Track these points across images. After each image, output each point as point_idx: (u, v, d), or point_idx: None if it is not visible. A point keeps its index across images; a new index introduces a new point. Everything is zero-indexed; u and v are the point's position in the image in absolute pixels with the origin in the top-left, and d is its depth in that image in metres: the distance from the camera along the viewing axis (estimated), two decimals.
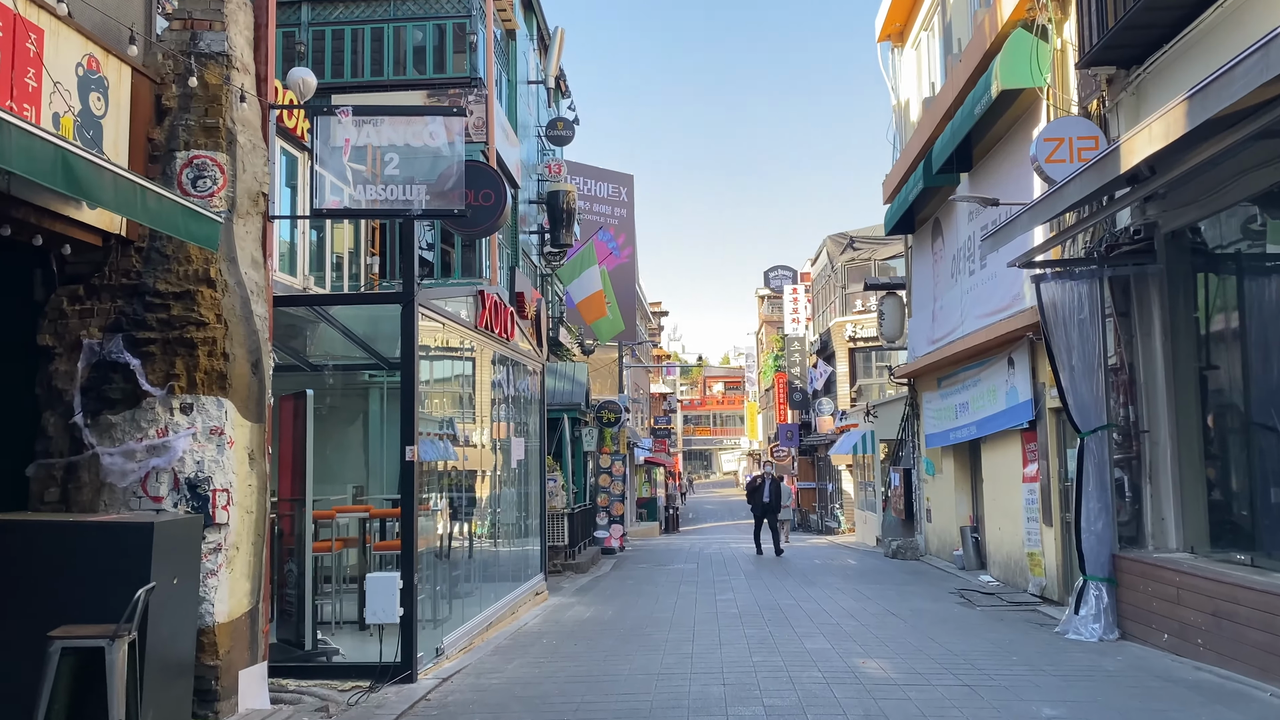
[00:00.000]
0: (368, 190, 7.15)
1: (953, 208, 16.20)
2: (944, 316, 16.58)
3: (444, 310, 8.32)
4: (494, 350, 10.58)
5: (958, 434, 16.02)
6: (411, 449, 7.46)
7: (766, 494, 20.62)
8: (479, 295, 9.45)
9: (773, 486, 20.85)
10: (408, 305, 7.47)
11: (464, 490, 11.71)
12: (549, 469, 16.63)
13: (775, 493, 20.85)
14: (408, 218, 7.22)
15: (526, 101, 21.80)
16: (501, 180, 7.81)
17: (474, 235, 7.96)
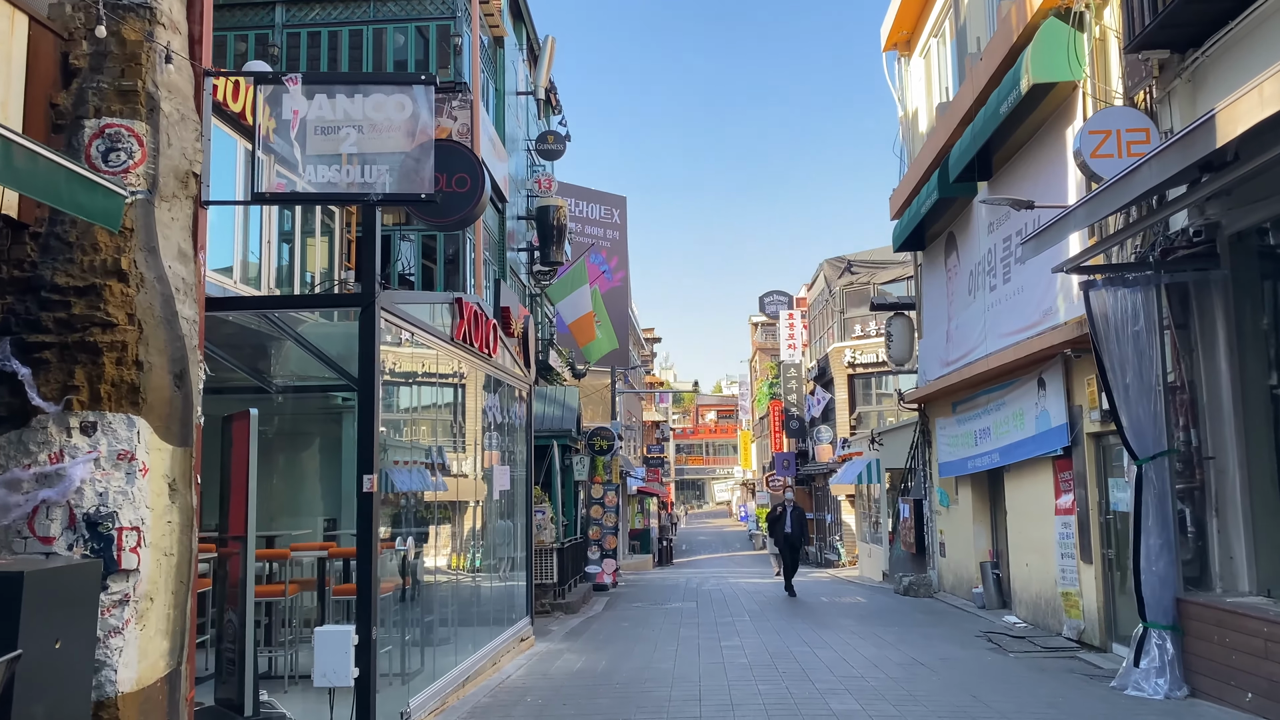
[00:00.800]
0: (319, 171, 6.03)
1: (969, 221, 15.18)
2: (960, 336, 15.50)
3: (412, 317, 7.19)
4: (474, 367, 9.44)
5: (977, 462, 14.89)
6: (370, 478, 6.30)
7: (789, 524, 18.68)
8: (456, 303, 8.32)
9: (795, 516, 18.89)
10: (368, 308, 6.34)
11: (441, 524, 10.56)
12: (536, 500, 15.43)
13: (798, 523, 18.90)
14: (367, 203, 6.11)
15: (515, 113, 20.80)
16: (479, 164, 6.75)
17: (446, 226, 6.87)
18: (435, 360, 9.35)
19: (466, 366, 9.29)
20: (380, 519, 8.98)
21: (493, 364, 10.02)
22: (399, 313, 6.90)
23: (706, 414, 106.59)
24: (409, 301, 7.16)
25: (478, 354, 9.17)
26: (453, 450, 10.94)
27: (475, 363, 9.31)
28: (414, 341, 7.41)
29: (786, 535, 18.62)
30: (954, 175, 14.02)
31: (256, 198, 6.02)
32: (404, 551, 7.42)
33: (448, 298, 8.25)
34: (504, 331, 11.63)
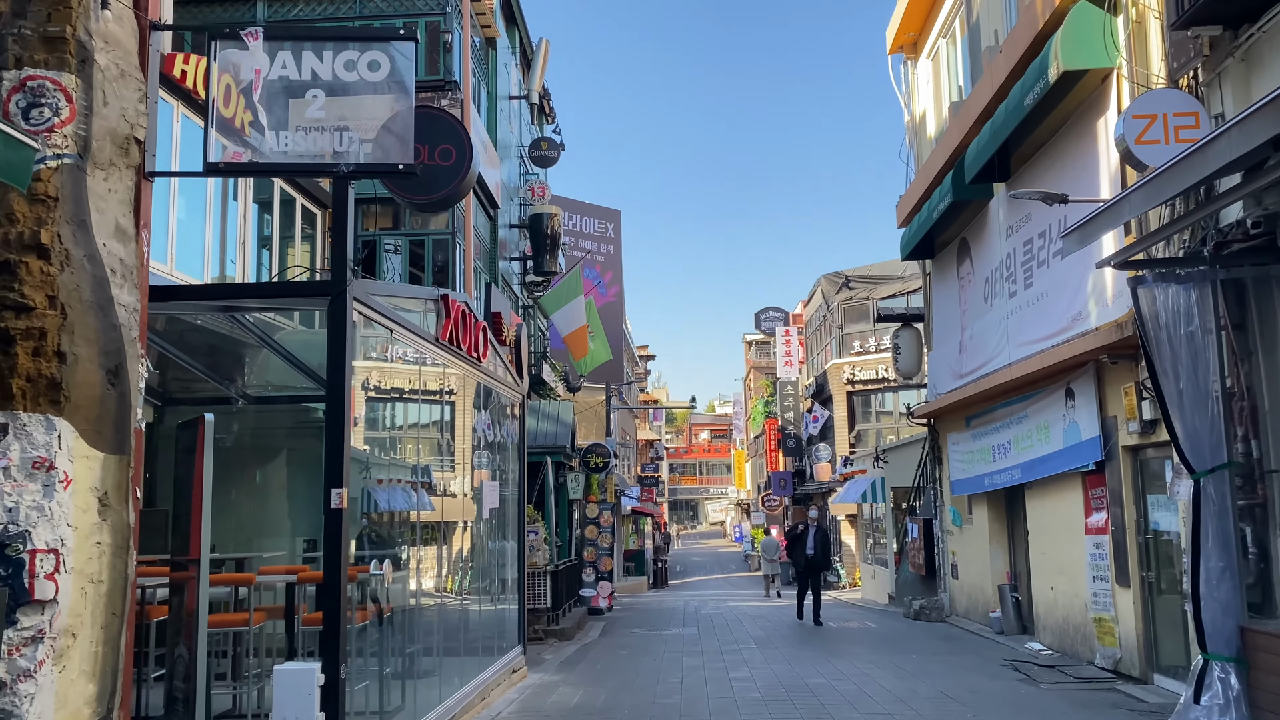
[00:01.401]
0: (283, 140, 5.24)
1: (984, 225, 14.46)
2: (975, 347, 14.74)
3: (392, 312, 6.38)
4: (462, 373, 8.63)
5: (995, 479, 14.10)
6: (339, 493, 5.48)
7: (811, 545, 16.74)
8: (442, 301, 7.52)
9: (819, 537, 16.94)
10: (338, 298, 5.53)
11: (428, 545, 9.73)
12: (529, 519, 14.58)
13: (822, 544, 16.91)
14: (336, 175, 5.31)
15: (508, 118, 20.08)
16: (465, 135, 5.97)
17: (429, 207, 6.08)
18: (421, 375, 8.59)
19: (454, 372, 8.47)
20: (356, 540, 8.15)
21: (483, 370, 9.21)
22: (376, 306, 6.09)
23: (700, 433, 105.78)
24: (387, 294, 6.36)
25: (466, 358, 8.36)
26: (440, 469, 10.16)
27: (463, 368, 8.50)
28: (392, 339, 6.60)
29: (809, 559, 16.78)
30: (970, 176, 13.31)
31: (209, 169, 5.22)
32: (380, 576, 6.57)
33: (432, 293, 7.44)
34: (495, 338, 10.84)
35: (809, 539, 16.87)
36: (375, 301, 6.09)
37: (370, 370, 8.76)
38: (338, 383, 5.53)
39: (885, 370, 34.69)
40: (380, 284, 6.42)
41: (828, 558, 17.08)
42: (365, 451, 9.21)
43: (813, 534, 16.92)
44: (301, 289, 6.94)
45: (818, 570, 16.85)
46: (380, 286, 6.39)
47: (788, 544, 17.52)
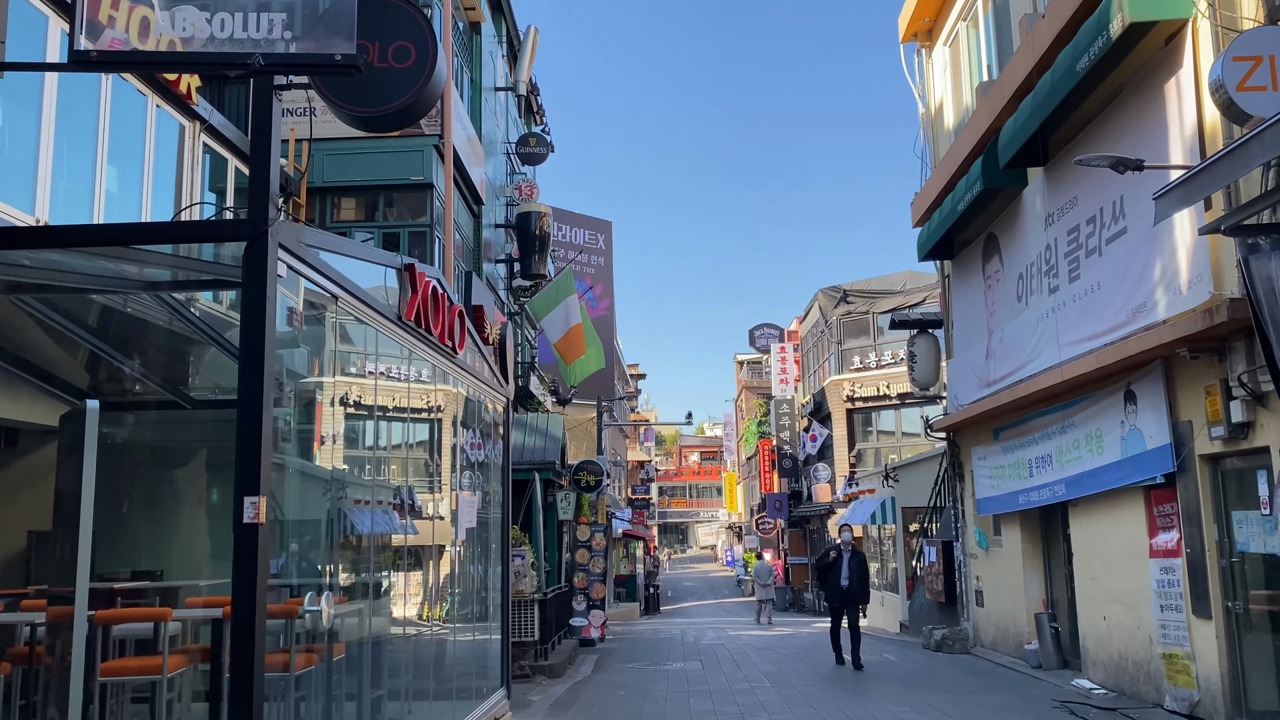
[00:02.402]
0: (178, 20, 3.85)
1: (1017, 217, 13.17)
2: (1006, 351, 13.41)
3: (334, 273, 4.97)
4: (434, 364, 7.21)
5: (1032, 496, 12.73)
6: (254, 502, 4.05)
7: (845, 573, 13.90)
8: (407, 271, 6.12)
9: (855, 564, 14.01)
10: (257, 242, 4.13)
11: (404, 572, 8.33)
12: (515, 542, 13.12)
13: (859, 572, 14.00)
14: (250, 73, 3.92)
15: (494, 111, 18.76)
16: (428, 30, 4.59)
17: (379, 122, 4.61)
18: (408, 392, 7.23)
19: (427, 361, 7.05)
20: (328, 563, 6.74)
21: (459, 364, 7.80)
22: (312, 261, 4.68)
23: (690, 455, 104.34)
24: (332, 249, 4.96)
25: (438, 346, 6.94)
26: (424, 490, 8.79)
27: (434, 358, 7.08)
28: (337, 307, 5.17)
29: (843, 590, 13.92)
30: (1005, 160, 12.02)
31: (76, 59, 3.82)
32: (317, 612, 5.11)
33: (393, 259, 6.04)
34: (477, 333, 9.45)
35: (843, 567, 13.98)
36: (313, 256, 4.68)
37: (350, 385, 7.59)
38: (254, 351, 4.11)
39: (887, 387, 33.42)
40: (321, 234, 4.99)
41: (866, 588, 14.18)
42: (343, 470, 7.98)
43: (847, 560, 14.00)
44: (204, 231, 5.51)
45: (855, 603, 14.05)
46: (321, 237, 4.97)
47: (818, 573, 14.41)
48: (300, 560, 8.09)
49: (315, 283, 4.80)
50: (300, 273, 4.59)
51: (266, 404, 4.13)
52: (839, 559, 14.08)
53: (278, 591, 6.45)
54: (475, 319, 9.67)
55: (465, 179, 15.51)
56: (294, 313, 6.86)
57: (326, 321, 6.13)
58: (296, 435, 8.19)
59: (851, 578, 13.90)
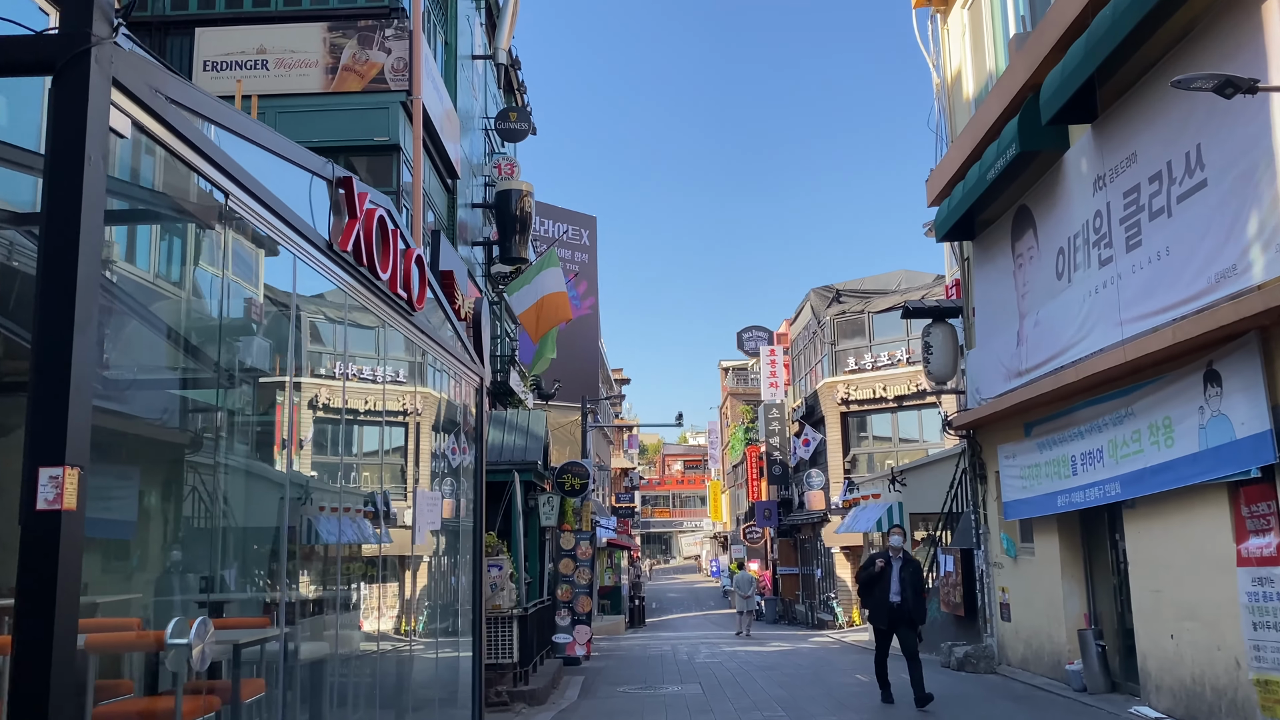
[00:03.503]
0: None
1: (1056, 185, 11.76)
2: (1043, 335, 11.99)
3: (221, 155, 3.42)
4: (381, 317, 5.66)
5: (1076, 497, 11.29)
6: (55, 476, 2.49)
7: (895, 587, 11.22)
8: (341, 187, 4.59)
9: (908, 575, 11.33)
10: (71, 71, 2.59)
11: (364, 584, 6.85)
12: (491, 550, 11.55)
13: (913, 584, 11.33)
14: None
15: (470, 82, 17.25)
16: None
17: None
18: (382, 395, 5.72)
19: (372, 314, 5.50)
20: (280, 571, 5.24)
21: (419, 326, 6.26)
22: (180, 127, 3.13)
23: (673, 464, 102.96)
24: (216, 121, 3.41)
25: (389, 296, 5.41)
26: (398, 497, 7.33)
27: (382, 311, 5.53)
28: (227, 210, 3.62)
29: (893, 606, 11.19)
30: (1049, 115, 10.60)
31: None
32: (184, 647, 3.48)
33: (322, 165, 4.50)
34: (447, 302, 7.94)
35: (892, 578, 11.23)
36: (182, 121, 3.14)
37: (319, 386, 6.49)
38: (62, 255, 2.58)
39: (883, 389, 32.06)
40: (200, 93, 3.40)
41: (922, 604, 11.46)
42: (310, 477, 6.58)
43: (897, 571, 11.25)
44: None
45: (908, 623, 11.22)
46: (198, 97, 3.40)
47: (860, 586, 11.75)
48: (248, 573, 6.58)
49: (189, 163, 3.25)
50: (159, 139, 3.04)
51: (80, 328, 2.59)
52: (887, 569, 11.32)
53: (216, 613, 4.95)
54: (444, 285, 8.15)
55: (438, 146, 13.98)
56: (252, 304, 5.28)
57: (297, 317, 4.67)
58: (255, 436, 6.70)
59: (904, 592, 11.19)
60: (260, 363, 5.97)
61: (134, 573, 6.46)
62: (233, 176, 3.49)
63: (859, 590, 12.01)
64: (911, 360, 31.63)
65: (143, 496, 6.18)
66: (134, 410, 6.07)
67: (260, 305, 5.61)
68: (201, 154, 3.30)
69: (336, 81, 12.27)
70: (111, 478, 5.71)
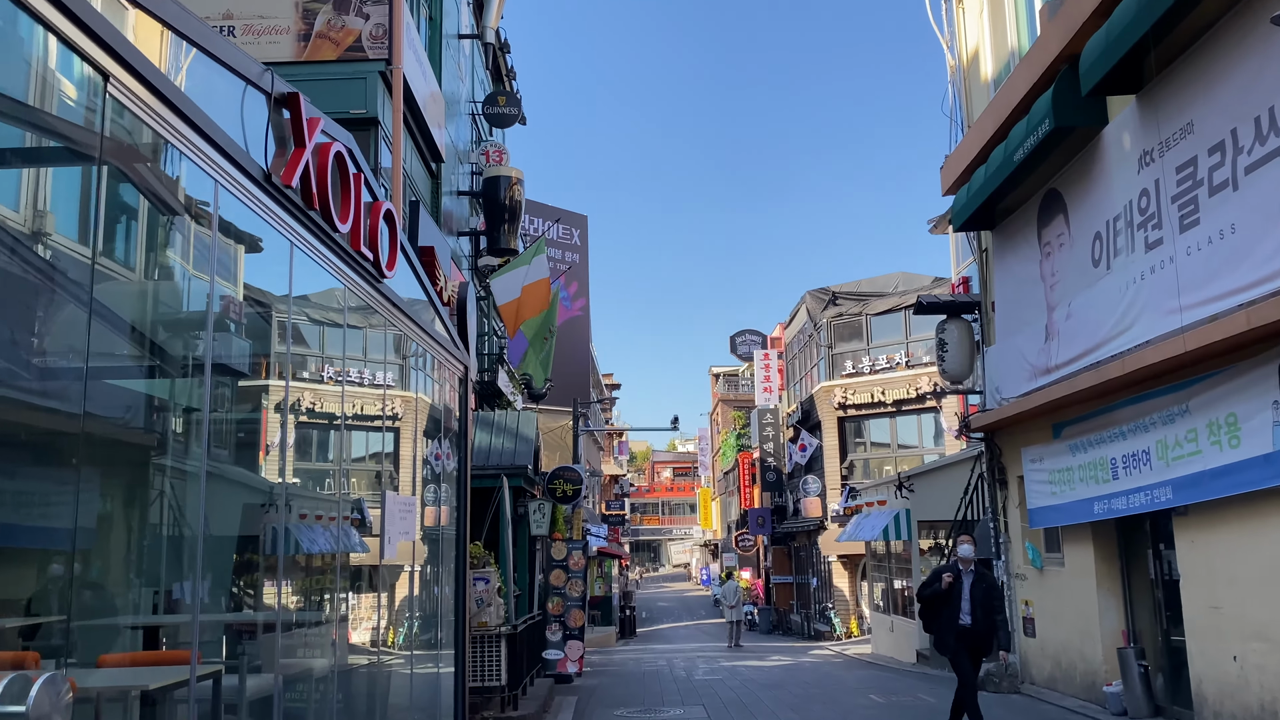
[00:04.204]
0: None
1: (1091, 165, 10.86)
2: (1077, 328, 11.07)
3: (105, 27, 2.43)
4: (341, 278, 4.64)
5: (1116, 504, 10.34)
6: None
7: (966, 606, 9.19)
8: (286, 107, 3.59)
9: (980, 591, 9.28)
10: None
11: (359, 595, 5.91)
12: (476, 561, 10.53)
13: (984, 603, 9.27)
14: None
15: (456, 63, 16.26)
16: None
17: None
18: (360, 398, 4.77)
19: (328, 272, 4.48)
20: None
21: (387, 296, 5.25)
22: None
23: (662, 471, 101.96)
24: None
25: (350, 254, 4.40)
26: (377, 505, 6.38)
27: (336, 269, 4.51)
28: (107, 96, 2.62)
29: (962, 630, 9.13)
30: (1090, 84, 9.67)
31: None
32: (18, 716, 2.46)
33: (259, 72, 3.50)
34: (428, 278, 6.96)
35: (962, 594, 9.19)
36: None
37: (301, 390, 5.90)
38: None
39: (882, 393, 31.15)
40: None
41: (993, 627, 9.33)
42: (296, 484, 5.67)
43: (968, 587, 9.23)
44: None
45: (979, 647, 9.29)
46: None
47: (922, 605, 9.69)
48: (214, 587, 5.60)
49: (45, 21, 2.24)
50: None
51: None
52: (956, 584, 9.23)
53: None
54: (425, 263, 7.16)
55: (420, 125, 12.98)
56: (230, 301, 4.71)
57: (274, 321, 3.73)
58: (234, 440, 5.76)
59: (974, 611, 9.13)
60: (235, 359, 5.10)
61: (66, 589, 5.41)
62: (114, 51, 2.48)
63: (921, 610, 9.77)
64: (911, 364, 30.76)
65: (92, 501, 5.15)
66: (77, 408, 5.08)
67: (239, 304, 4.93)
68: (63, 8, 2.30)
69: (309, 50, 11.26)
70: (50, 482, 4.74)
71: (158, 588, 5.51)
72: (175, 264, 4.66)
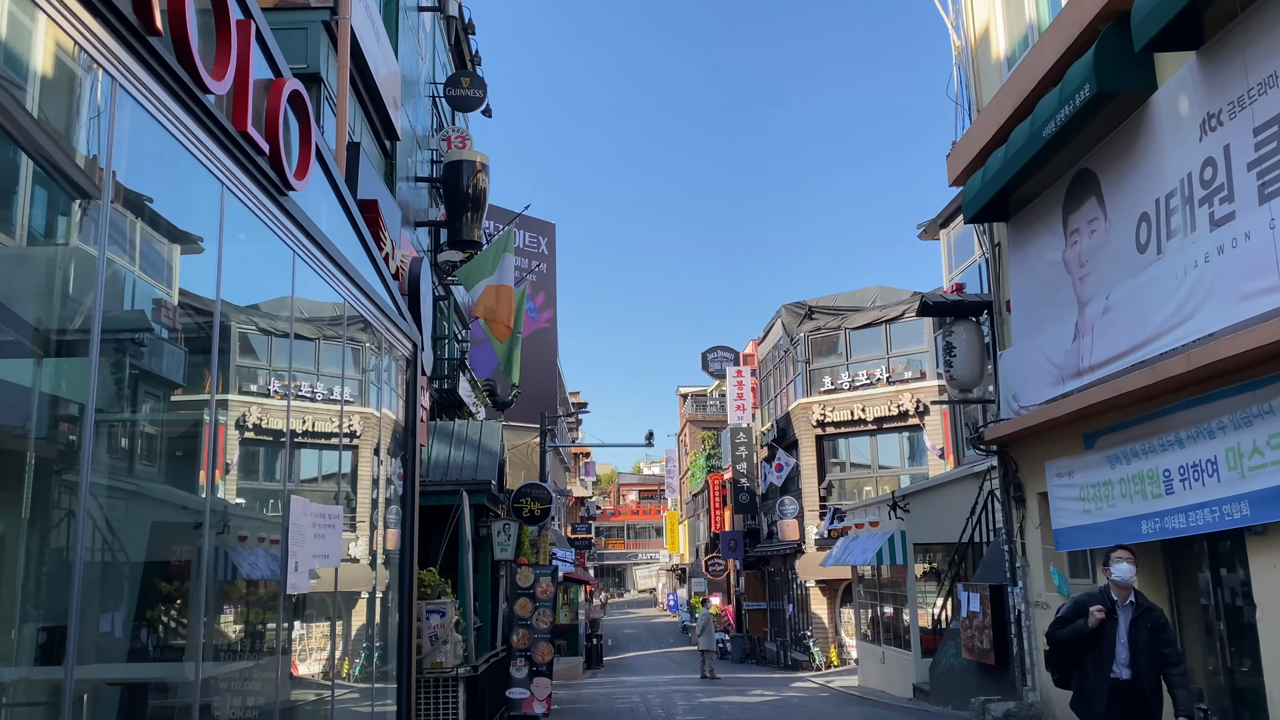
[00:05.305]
0: None
1: (1132, 138, 9.61)
2: (1118, 323, 9.78)
3: None
4: (226, 185, 3.12)
5: (1173, 522, 9.00)
6: None
7: (1125, 654, 6.63)
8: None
9: (1146, 632, 6.63)
10: None
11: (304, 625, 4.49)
12: (429, 589, 8.94)
13: (1152, 649, 6.59)
14: None
15: (416, 36, 14.78)
16: None
17: None
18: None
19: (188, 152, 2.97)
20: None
21: (296, 215, 3.73)
22: None
23: (628, 494, 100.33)
24: None
25: (228, 135, 2.88)
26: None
27: (207, 153, 3.00)
28: None
29: (1119, 685, 6.60)
30: (1144, 40, 8.39)
31: None
32: None
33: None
34: (369, 233, 5.48)
35: (1117, 636, 6.70)
36: None
37: (248, 405, 5.16)
38: None
39: (862, 410, 29.91)
40: None
41: (1165, 680, 6.63)
42: (242, 504, 4.37)
43: (1125, 625, 6.70)
44: None
45: (1145, 713, 6.62)
46: None
47: (1053, 648, 7.18)
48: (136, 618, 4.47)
49: None
50: None
51: None
52: (1110, 623, 6.69)
53: None
54: (368, 219, 5.68)
55: (371, 92, 11.48)
56: (163, 305, 4.05)
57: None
58: (165, 457, 4.82)
59: (1138, 662, 6.58)
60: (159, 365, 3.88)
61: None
62: None
63: (1050, 655, 7.29)
64: (892, 379, 29.59)
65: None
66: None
67: (172, 308, 4.14)
68: None
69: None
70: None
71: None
72: None
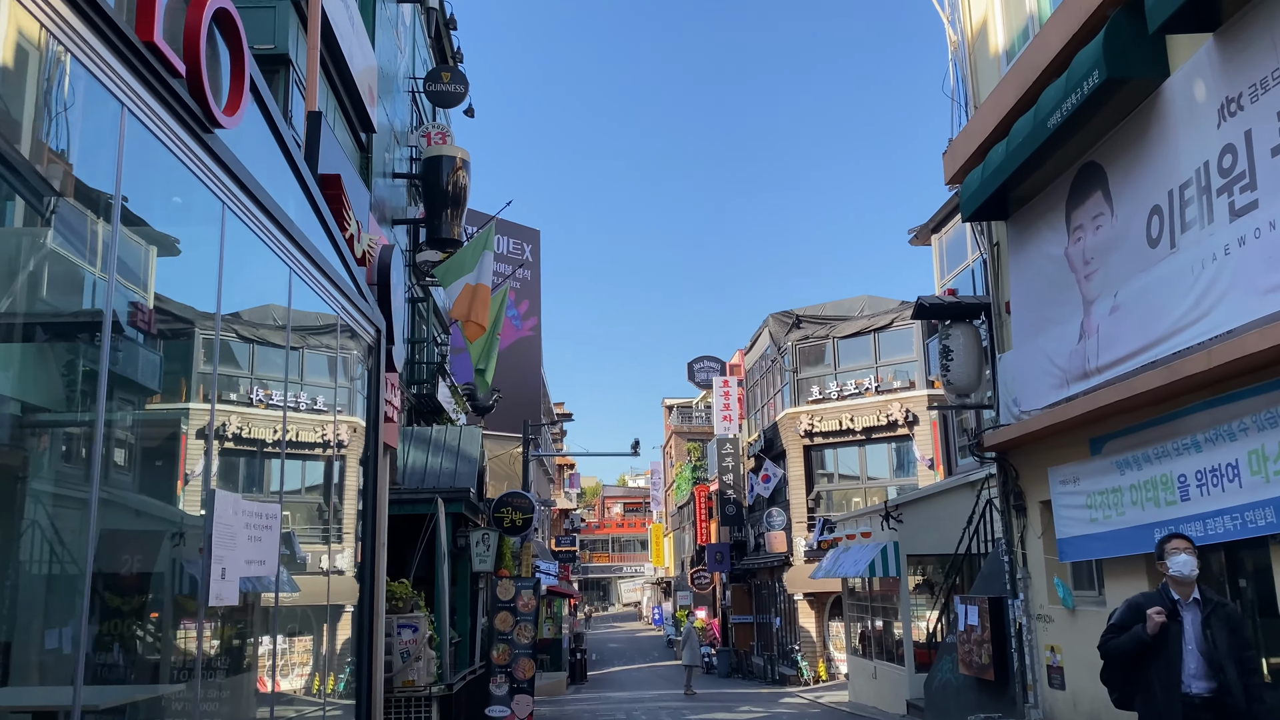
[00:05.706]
0: None
1: (1142, 129, 9.18)
2: (1126, 322, 9.33)
3: None
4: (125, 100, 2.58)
5: (1191, 529, 8.48)
6: None
7: (1196, 664, 5.73)
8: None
9: (1222, 635, 5.79)
10: None
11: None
12: (403, 604, 8.35)
13: (1231, 654, 5.74)
14: None
15: (395, 29, 14.27)
16: None
17: None
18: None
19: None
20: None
21: (225, 159, 3.19)
22: None
23: (612, 507, 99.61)
24: None
25: (134, 49, 2.34)
26: (321, 540, 4.54)
27: (108, 69, 2.47)
28: None
29: (1194, 701, 5.66)
30: (1159, 20, 7.97)
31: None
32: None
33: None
34: (322, 199, 4.94)
35: (1184, 641, 5.77)
36: None
37: (227, 414, 4.89)
38: None
39: (850, 420, 29.50)
40: None
41: (1246, 689, 5.65)
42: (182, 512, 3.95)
43: (1193, 626, 5.81)
44: None
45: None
46: None
47: (1111, 657, 6.13)
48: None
49: None
50: None
51: None
52: (1174, 627, 5.79)
53: None
54: (328, 194, 5.17)
55: (345, 80, 10.95)
56: (139, 308, 3.91)
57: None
58: (140, 464, 4.53)
59: (1217, 671, 5.71)
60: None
61: None
62: None
63: (1105, 670, 6.23)
64: (881, 389, 29.19)
65: None
66: None
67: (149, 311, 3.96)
68: None
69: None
70: None
71: None
72: None
